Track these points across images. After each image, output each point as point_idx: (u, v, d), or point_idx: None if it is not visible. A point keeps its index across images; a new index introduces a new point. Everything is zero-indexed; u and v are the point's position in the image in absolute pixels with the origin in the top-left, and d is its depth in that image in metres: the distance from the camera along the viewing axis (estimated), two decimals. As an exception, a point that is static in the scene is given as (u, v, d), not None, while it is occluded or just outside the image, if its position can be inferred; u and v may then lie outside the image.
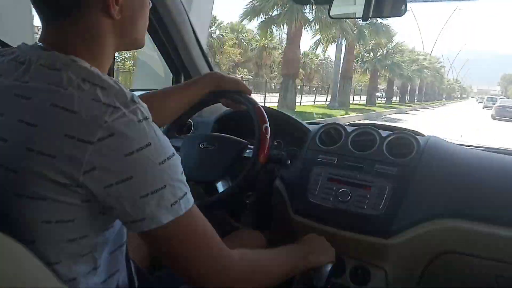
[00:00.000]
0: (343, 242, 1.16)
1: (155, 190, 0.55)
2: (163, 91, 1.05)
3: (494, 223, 0.99)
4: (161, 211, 0.56)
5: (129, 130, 0.54)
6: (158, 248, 0.62)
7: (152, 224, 0.56)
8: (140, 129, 0.55)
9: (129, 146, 0.53)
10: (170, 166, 0.58)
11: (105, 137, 0.52)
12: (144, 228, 0.57)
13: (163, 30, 1.52)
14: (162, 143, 0.58)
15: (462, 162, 1.11)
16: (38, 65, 0.58)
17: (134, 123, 0.55)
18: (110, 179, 0.53)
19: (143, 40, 0.73)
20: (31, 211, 0.55)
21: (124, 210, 0.56)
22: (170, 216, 0.57)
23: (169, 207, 0.57)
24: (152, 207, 0.55)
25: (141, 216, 0.56)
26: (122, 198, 0.54)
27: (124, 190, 0.54)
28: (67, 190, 0.54)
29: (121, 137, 0.53)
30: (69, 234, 0.58)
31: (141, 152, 0.54)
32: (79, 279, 0.61)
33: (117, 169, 0.53)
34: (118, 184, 0.53)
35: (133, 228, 0.58)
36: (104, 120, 0.53)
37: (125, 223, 0.58)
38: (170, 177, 0.57)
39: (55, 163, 0.52)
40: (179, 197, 0.58)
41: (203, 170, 1.21)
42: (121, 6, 0.63)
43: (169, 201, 0.57)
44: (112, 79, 0.59)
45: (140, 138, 0.54)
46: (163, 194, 0.56)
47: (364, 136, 1.25)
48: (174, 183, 0.58)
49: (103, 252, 0.66)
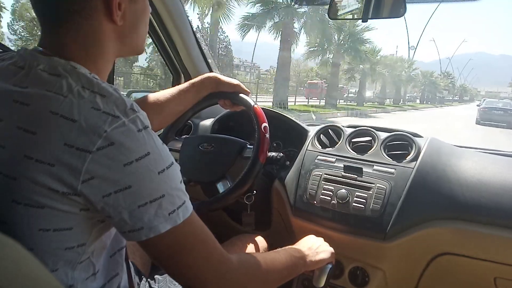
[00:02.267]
0: (342, 244, 1.16)
1: (154, 200, 0.55)
2: (162, 94, 1.05)
3: (493, 224, 0.99)
4: (159, 220, 0.56)
5: (128, 140, 0.54)
6: (157, 256, 0.61)
7: (150, 233, 0.56)
8: (139, 139, 0.55)
9: (128, 155, 0.53)
10: (169, 175, 0.57)
11: (105, 146, 0.52)
12: (142, 237, 0.56)
13: (163, 31, 1.53)
14: (161, 153, 0.57)
15: (460, 164, 1.11)
16: (37, 70, 0.58)
17: (133, 132, 0.54)
18: (108, 188, 0.53)
19: (143, 46, 0.73)
20: (28, 218, 0.55)
21: (122, 220, 0.55)
22: (168, 225, 0.57)
23: (167, 216, 0.56)
24: (150, 216, 0.55)
25: (139, 225, 0.55)
26: (120, 208, 0.54)
27: (122, 199, 0.54)
28: (65, 199, 0.54)
29: (121, 146, 0.53)
30: (66, 242, 0.58)
31: (140, 161, 0.54)
32: (77, 286, 0.61)
33: (115, 178, 0.53)
34: (117, 193, 0.53)
35: (131, 237, 0.57)
36: (103, 130, 0.53)
37: (123, 232, 0.58)
38: (169, 186, 0.57)
39: (54, 172, 0.52)
40: (177, 206, 0.58)
41: (203, 171, 1.21)
42: (124, 12, 0.63)
43: (167, 210, 0.56)
44: (111, 87, 0.59)
45: (139, 148, 0.54)
46: (161, 203, 0.56)
47: (363, 137, 1.25)
48: (172, 192, 0.57)
49: (102, 256, 0.66)
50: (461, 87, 63.43)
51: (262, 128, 1.03)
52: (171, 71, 1.73)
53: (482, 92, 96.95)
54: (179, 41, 1.56)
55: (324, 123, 1.39)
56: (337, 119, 14.74)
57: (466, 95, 63.94)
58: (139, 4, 0.67)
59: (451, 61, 61.30)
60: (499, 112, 18.15)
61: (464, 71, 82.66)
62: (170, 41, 1.56)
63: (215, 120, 1.53)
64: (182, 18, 1.52)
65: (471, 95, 63.46)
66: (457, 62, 78.89)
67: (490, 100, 22.35)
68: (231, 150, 1.20)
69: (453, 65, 63.06)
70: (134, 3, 0.66)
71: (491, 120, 17.54)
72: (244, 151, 1.19)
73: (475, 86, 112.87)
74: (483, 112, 18.41)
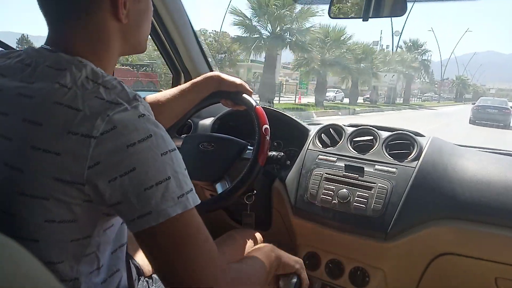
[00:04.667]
0: (343, 243, 1.16)
1: (159, 182, 0.55)
2: (164, 95, 1.04)
3: (494, 224, 0.99)
4: (167, 203, 0.55)
5: (130, 123, 0.55)
6: (161, 247, 0.58)
7: (159, 218, 0.54)
8: (141, 122, 0.56)
9: (131, 137, 0.54)
10: (173, 158, 0.58)
11: (108, 130, 0.53)
12: (151, 222, 0.54)
13: (164, 30, 1.53)
14: (164, 136, 0.58)
15: (462, 163, 1.10)
16: (44, 67, 0.59)
17: (135, 116, 0.56)
18: (114, 172, 0.53)
19: (145, 44, 0.75)
20: (34, 210, 0.55)
21: (130, 205, 0.54)
22: (178, 209, 0.56)
23: (176, 200, 0.56)
24: (157, 199, 0.54)
25: (147, 209, 0.54)
26: (127, 192, 0.54)
27: (128, 183, 0.54)
28: (71, 189, 0.54)
29: (123, 129, 0.54)
30: (72, 235, 0.58)
31: (143, 143, 0.54)
32: (81, 279, 0.61)
33: (120, 161, 0.53)
34: (122, 177, 0.53)
35: (140, 224, 0.55)
36: (106, 114, 0.54)
37: (132, 220, 0.56)
38: (174, 169, 0.57)
39: (60, 161, 0.53)
40: (186, 191, 0.57)
41: (202, 170, 1.21)
42: (128, 11, 0.65)
43: (175, 193, 0.56)
44: (115, 79, 0.60)
45: (141, 130, 0.55)
46: (168, 186, 0.55)
47: (364, 137, 1.24)
48: (178, 176, 0.57)
49: (106, 251, 0.66)
50: (459, 79, 57.94)
51: (263, 130, 1.02)
52: (171, 70, 1.73)
53: (492, 91, 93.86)
54: (179, 40, 1.55)
55: (326, 123, 1.39)
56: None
57: (468, 92, 58.08)
58: (143, 4, 0.70)
59: (457, 59, 60.35)
60: (493, 110, 17.07)
61: (471, 69, 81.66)
62: (170, 40, 1.56)
63: (215, 119, 1.53)
64: (182, 18, 1.52)
65: (475, 93, 58.93)
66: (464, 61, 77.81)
67: (484, 98, 20.68)
68: (231, 150, 1.19)
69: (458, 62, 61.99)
70: (138, 3, 0.68)
71: (485, 119, 16.48)
72: (244, 152, 1.19)
73: (484, 84, 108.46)
74: (477, 111, 17.24)
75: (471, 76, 75.29)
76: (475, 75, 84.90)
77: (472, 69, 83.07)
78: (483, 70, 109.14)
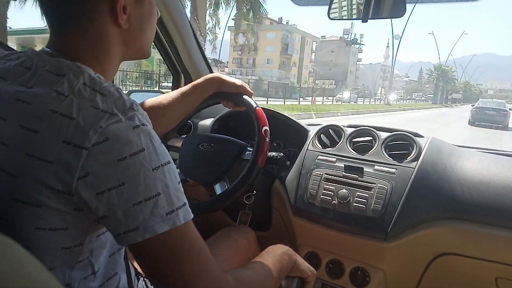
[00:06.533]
0: (343, 244, 1.16)
1: (149, 198, 0.53)
2: (164, 97, 1.04)
3: (494, 224, 0.99)
4: (155, 219, 0.54)
5: (123, 135, 0.53)
6: (150, 263, 0.57)
7: (146, 234, 0.53)
8: (135, 135, 0.54)
9: (122, 151, 0.53)
10: (165, 173, 0.56)
11: (100, 142, 0.52)
12: (138, 238, 0.53)
13: (164, 32, 1.53)
14: (157, 150, 0.56)
15: (461, 163, 1.10)
16: (44, 71, 0.59)
17: (129, 128, 0.54)
18: (102, 185, 0.52)
19: (149, 49, 0.73)
20: (26, 217, 0.55)
21: (116, 219, 0.53)
22: (166, 226, 0.54)
23: (164, 216, 0.54)
24: (145, 215, 0.53)
25: (134, 225, 0.53)
26: (114, 206, 0.53)
27: (116, 197, 0.52)
28: (61, 198, 0.54)
29: (115, 141, 0.53)
30: (62, 242, 0.58)
31: (134, 157, 0.53)
32: (74, 285, 0.61)
33: (109, 174, 0.52)
34: (110, 190, 0.52)
35: (126, 239, 0.54)
36: (99, 125, 0.53)
37: (118, 235, 0.55)
38: (165, 184, 0.55)
39: (53, 169, 0.52)
40: (176, 207, 0.56)
41: (202, 171, 1.21)
42: (129, 15, 0.64)
43: (164, 210, 0.54)
44: (113, 86, 0.59)
45: (134, 144, 0.54)
46: (157, 202, 0.54)
47: (363, 137, 1.24)
48: (169, 191, 0.55)
49: (101, 255, 0.65)
50: (439, 69, 54.85)
51: (262, 132, 1.03)
52: (171, 71, 1.73)
53: (490, 92, 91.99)
54: (179, 41, 1.56)
55: (325, 123, 1.39)
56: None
57: (456, 90, 55.22)
58: (145, 8, 0.68)
59: (455, 61, 60.19)
60: (492, 112, 17.51)
61: (469, 70, 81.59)
62: (170, 41, 1.57)
63: (215, 120, 1.53)
64: (182, 19, 1.52)
65: (471, 94, 56.65)
66: (463, 63, 77.75)
67: (484, 100, 21.36)
68: (231, 151, 1.20)
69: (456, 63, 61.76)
70: (140, 7, 0.67)
71: (484, 121, 16.86)
72: (244, 153, 1.19)
73: (481, 83, 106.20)
74: (475, 113, 17.76)
75: (469, 77, 74.60)
76: (473, 76, 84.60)
77: (471, 71, 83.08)
78: (481, 72, 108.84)
